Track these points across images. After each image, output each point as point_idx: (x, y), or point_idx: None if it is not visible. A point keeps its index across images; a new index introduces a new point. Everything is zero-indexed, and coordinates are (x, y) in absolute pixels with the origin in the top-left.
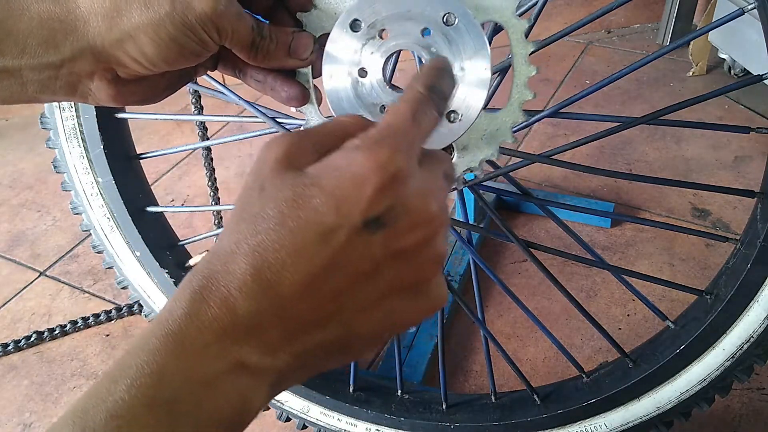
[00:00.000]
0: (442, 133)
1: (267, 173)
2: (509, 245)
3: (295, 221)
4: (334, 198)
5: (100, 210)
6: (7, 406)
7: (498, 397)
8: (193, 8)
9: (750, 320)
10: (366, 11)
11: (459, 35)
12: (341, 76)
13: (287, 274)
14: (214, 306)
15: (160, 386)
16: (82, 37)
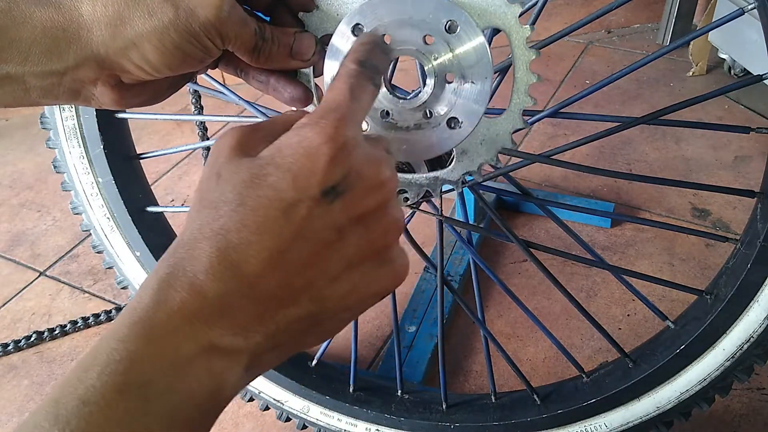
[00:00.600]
0: (443, 139)
1: (222, 162)
2: (509, 245)
3: (254, 200)
4: (290, 173)
5: (100, 210)
6: (7, 406)
7: (498, 397)
8: (196, 16)
9: (750, 320)
10: (368, 16)
11: (461, 43)
12: None
13: (252, 252)
14: (182, 290)
15: (131, 371)
16: (85, 45)
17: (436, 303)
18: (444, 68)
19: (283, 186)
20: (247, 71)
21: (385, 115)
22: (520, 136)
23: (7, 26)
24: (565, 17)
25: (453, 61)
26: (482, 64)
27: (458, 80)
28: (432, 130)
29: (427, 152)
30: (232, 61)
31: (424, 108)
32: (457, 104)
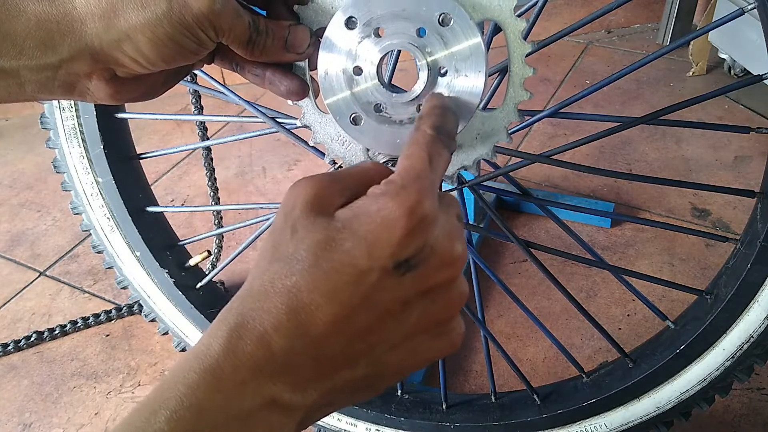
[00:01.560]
0: None
1: (298, 215)
2: (509, 245)
3: (328, 263)
4: (366, 242)
5: (100, 210)
6: (7, 406)
7: (498, 397)
8: (190, 8)
9: (750, 320)
10: (362, 9)
11: (454, 36)
12: (337, 74)
13: (320, 314)
14: (251, 343)
15: (199, 420)
16: (79, 38)
17: None
18: (437, 61)
19: (357, 254)
20: (243, 65)
21: (378, 109)
22: (520, 136)
23: (0, 20)
24: (565, 17)
25: (446, 54)
26: (476, 58)
27: (452, 73)
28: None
29: None
30: (227, 55)
31: (417, 102)
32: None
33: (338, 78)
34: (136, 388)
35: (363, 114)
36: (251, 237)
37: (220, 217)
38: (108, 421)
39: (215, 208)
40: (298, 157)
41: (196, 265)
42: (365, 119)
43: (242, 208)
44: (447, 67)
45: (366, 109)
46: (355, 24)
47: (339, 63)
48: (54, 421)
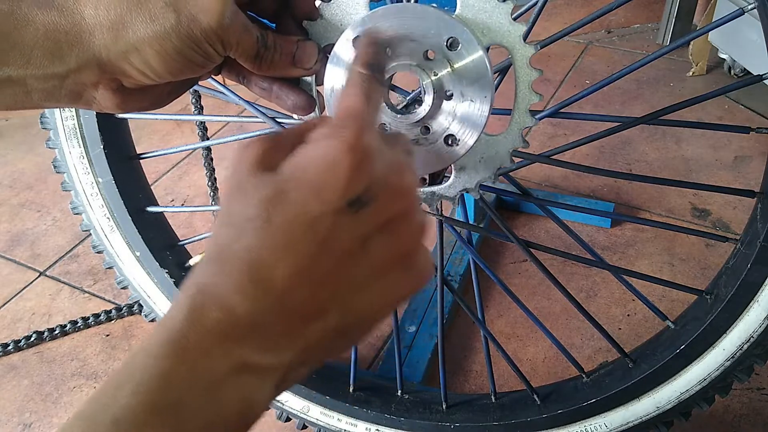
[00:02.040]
0: (440, 155)
1: (244, 176)
2: (509, 245)
3: (279, 216)
4: (314, 187)
5: (100, 210)
6: (7, 406)
7: (498, 397)
8: (198, 22)
9: (750, 320)
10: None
11: (462, 60)
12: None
13: (280, 269)
14: (214, 309)
15: (165, 390)
16: (87, 48)
17: (436, 303)
18: (443, 85)
19: (307, 200)
20: (250, 78)
21: (382, 129)
22: None
23: (9, 29)
24: (565, 17)
25: (453, 78)
26: (482, 83)
27: (457, 97)
28: (429, 146)
29: (424, 168)
30: (234, 68)
31: (422, 123)
32: (456, 121)
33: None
34: None
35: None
36: None
37: None
38: None
39: (215, 208)
40: None
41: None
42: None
43: None
44: (453, 91)
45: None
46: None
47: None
48: (54, 421)
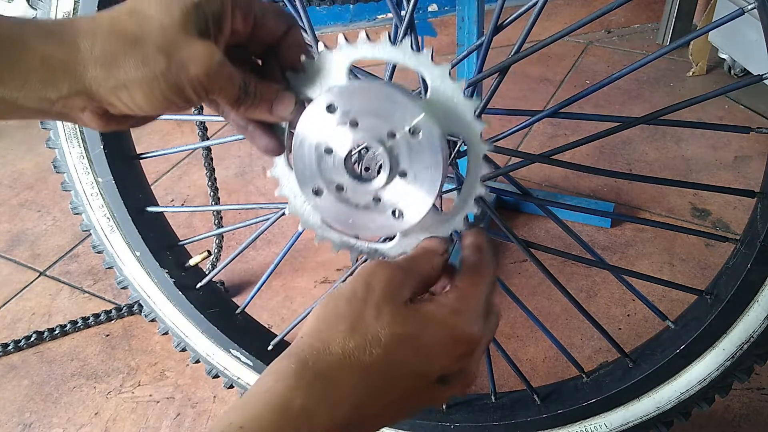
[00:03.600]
0: (385, 225)
1: (380, 298)
2: (509, 245)
3: (398, 356)
4: (430, 352)
5: (100, 210)
6: (7, 406)
7: (498, 397)
8: (187, 70)
9: (750, 320)
10: (345, 99)
11: (420, 147)
12: (310, 147)
13: (369, 408)
14: (324, 413)
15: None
16: (79, 79)
17: None
18: (400, 164)
19: (420, 360)
20: (228, 114)
21: (340, 189)
22: (520, 135)
23: (9, 54)
24: (565, 17)
25: (410, 161)
26: (435, 170)
27: (411, 178)
28: (378, 214)
29: (368, 233)
30: (214, 103)
31: (374, 193)
32: (404, 199)
33: (310, 151)
34: (136, 388)
35: (325, 188)
36: (251, 237)
37: (220, 217)
38: (108, 421)
39: (215, 208)
40: None
41: (196, 265)
42: (326, 193)
43: (242, 208)
44: (408, 171)
45: (329, 185)
46: (335, 110)
47: (314, 138)
48: (54, 421)
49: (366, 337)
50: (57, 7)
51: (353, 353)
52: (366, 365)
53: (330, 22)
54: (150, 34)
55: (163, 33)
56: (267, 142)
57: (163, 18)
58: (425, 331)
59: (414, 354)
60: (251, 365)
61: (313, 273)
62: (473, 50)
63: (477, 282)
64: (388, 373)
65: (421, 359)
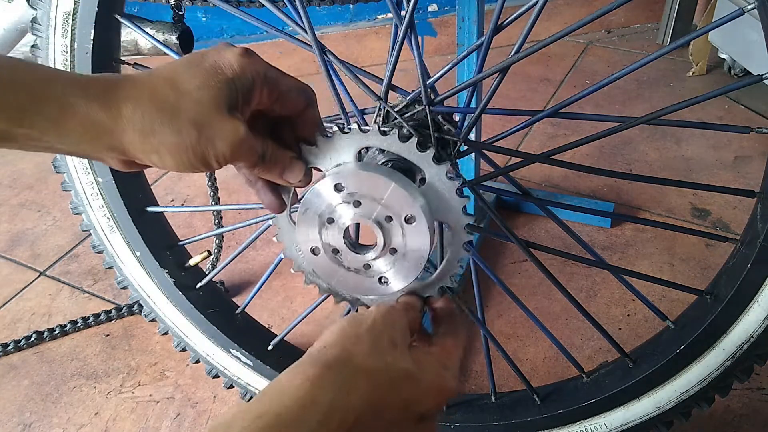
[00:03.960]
0: (371, 288)
1: (396, 335)
2: (509, 245)
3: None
4: (423, 393)
5: (100, 210)
6: (7, 406)
7: (498, 397)
8: (214, 145)
9: (750, 320)
10: (351, 182)
11: (412, 232)
12: (313, 215)
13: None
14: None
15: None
16: (116, 141)
17: None
18: (392, 243)
19: (416, 397)
20: (241, 169)
21: (335, 252)
22: (520, 135)
23: (52, 114)
24: (565, 17)
25: (401, 242)
26: (421, 252)
27: (400, 255)
28: (366, 278)
29: (358, 292)
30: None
31: (366, 262)
32: (392, 270)
33: (314, 217)
34: (136, 388)
35: (322, 250)
36: (251, 237)
37: (220, 217)
38: (108, 421)
39: (215, 208)
40: None
41: (196, 265)
42: (322, 254)
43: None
44: (398, 250)
45: (326, 248)
46: (342, 189)
47: (319, 208)
48: (54, 421)
49: (382, 361)
50: (57, 7)
51: (370, 371)
52: (377, 384)
53: (330, 22)
54: (186, 109)
55: (197, 109)
56: (271, 201)
57: (199, 95)
58: (423, 376)
59: (412, 389)
60: (251, 365)
61: None
62: (473, 50)
63: (457, 344)
64: (389, 398)
65: (415, 395)
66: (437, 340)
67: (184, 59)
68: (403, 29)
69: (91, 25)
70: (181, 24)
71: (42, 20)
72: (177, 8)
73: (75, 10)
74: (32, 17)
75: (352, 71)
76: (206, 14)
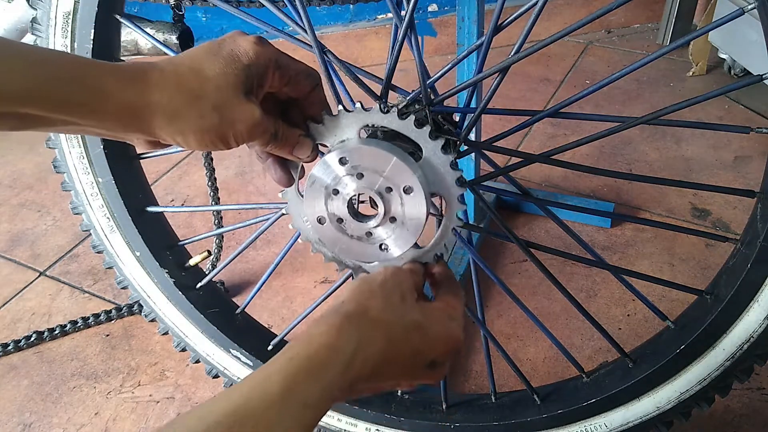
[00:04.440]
0: (372, 254)
1: (405, 291)
2: (509, 245)
3: (412, 336)
4: (432, 340)
5: (100, 210)
6: (7, 406)
7: (498, 397)
8: (234, 127)
9: (750, 320)
10: (355, 156)
11: (410, 201)
12: (320, 187)
13: (387, 371)
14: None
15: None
16: (145, 125)
17: None
18: (392, 212)
19: (426, 346)
20: (253, 146)
21: (340, 221)
22: (520, 135)
23: (91, 102)
24: (565, 17)
25: (400, 211)
26: (418, 221)
27: (399, 223)
28: (368, 245)
29: (360, 259)
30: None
31: (368, 230)
32: (391, 237)
33: (320, 189)
34: (136, 388)
35: (327, 219)
36: (251, 237)
37: (220, 217)
38: (108, 421)
39: (215, 208)
40: None
41: (196, 265)
42: (327, 223)
43: (242, 208)
44: (397, 218)
45: (331, 217)
46: (346, 162)
47: (325, 180)
48: (54, 421)
49: (395, 314)
50: (57, 7)
51: (384, 324)
52: (391, 335)
53: (330, 22)
54: (208, 94)
55: (218, 94)
56: (281, 176)
57: (220, 82)
58: (431, 326)
59: (422, 339)
60: (251, 365)
61: (313, 273)
62: (473, 50)
63: (458, 300)
64: (402, 347)
65: (425, 344)
66: (439, 297)
67: (203, 47)
68: (403, 29)
69: (91, 25)
70: (181, 24)
71: (42, 20)
72: (177, 8)
73: (75, 10)
74: (32, 17)
75: (352, 71)
76: (206, 14)
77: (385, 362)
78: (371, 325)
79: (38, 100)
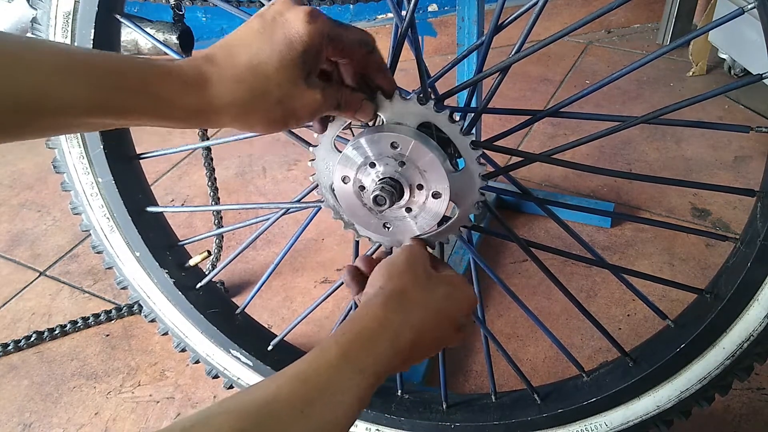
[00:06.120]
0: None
1: (428, 268)
2: (509, 245)
3: (445, 305)
4: (459, 305)
5: (100, 210)
6: (7, 406)
7: (498, 397)
8: (297, 116)
9: (750, 319)
10: (403, 144)
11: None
12: (359, 154)
13: (430, 332)
14: (401, 340)
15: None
16: (212, 123)
17: None
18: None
19: (454, 309)
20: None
21: (362, 188)
22: (520, 135)
23: (156, 107)
24: (565, 17)
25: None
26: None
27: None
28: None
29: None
30: None
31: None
32: (398, 225)
33: (358, 157)
34: (136, 388)
35: (351, 182)
36: (251, 237)
37: (220, 217)
38: (108, 421)
39: (215, 208)
40: (297, 157)
41: (195, 265)
42: (350, 184)
43: (242, 208)
44: (412, 212)
45: (356, 181)
46: (396, 147)
47: (369, 152)
48: (54, 421)
49: (427, 287)
50: (57, 7)
51: (422, 297)
52: (428, 305)
53: None
54: (270, 91)
55: (280, 90)
56: (320, 127)
57: (280, 77)
58: (454, 292)
59: (451, 306)
60: (251, 365)
61: (313, 273)
62: (473, 50)
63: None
64: (438, 317)
65: (455, 310)
66: (437, 267)
67: (253, 30)
68: (404, 29)
69: (91, 25)
70: (181, 24)
71: (42, 20)
72: (177, 8)
73: (75, 10)
74: (32, 17)
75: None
76: (206, 14)
77: (427, 330)
78: (410, 299)
79: (105, 111)
